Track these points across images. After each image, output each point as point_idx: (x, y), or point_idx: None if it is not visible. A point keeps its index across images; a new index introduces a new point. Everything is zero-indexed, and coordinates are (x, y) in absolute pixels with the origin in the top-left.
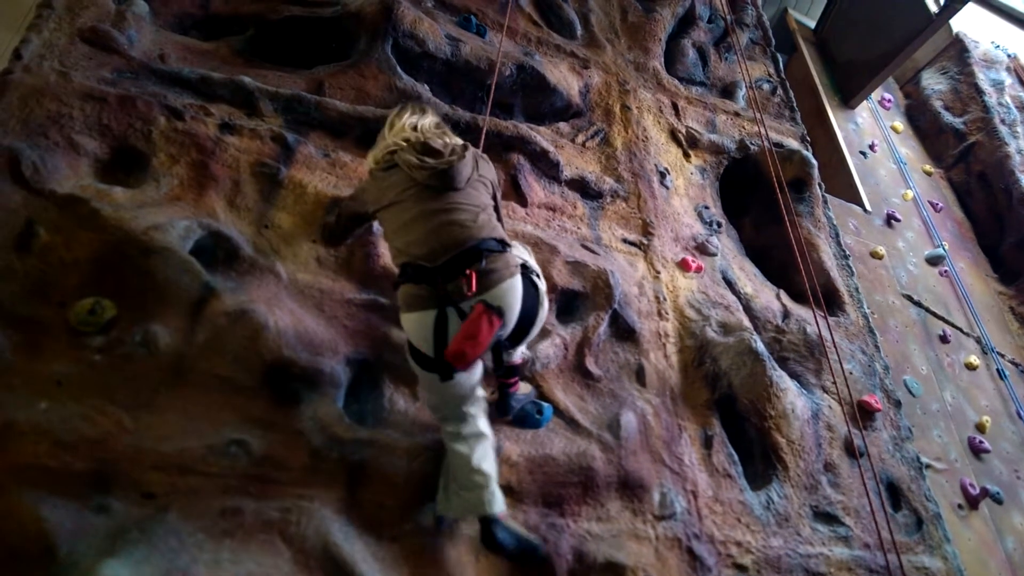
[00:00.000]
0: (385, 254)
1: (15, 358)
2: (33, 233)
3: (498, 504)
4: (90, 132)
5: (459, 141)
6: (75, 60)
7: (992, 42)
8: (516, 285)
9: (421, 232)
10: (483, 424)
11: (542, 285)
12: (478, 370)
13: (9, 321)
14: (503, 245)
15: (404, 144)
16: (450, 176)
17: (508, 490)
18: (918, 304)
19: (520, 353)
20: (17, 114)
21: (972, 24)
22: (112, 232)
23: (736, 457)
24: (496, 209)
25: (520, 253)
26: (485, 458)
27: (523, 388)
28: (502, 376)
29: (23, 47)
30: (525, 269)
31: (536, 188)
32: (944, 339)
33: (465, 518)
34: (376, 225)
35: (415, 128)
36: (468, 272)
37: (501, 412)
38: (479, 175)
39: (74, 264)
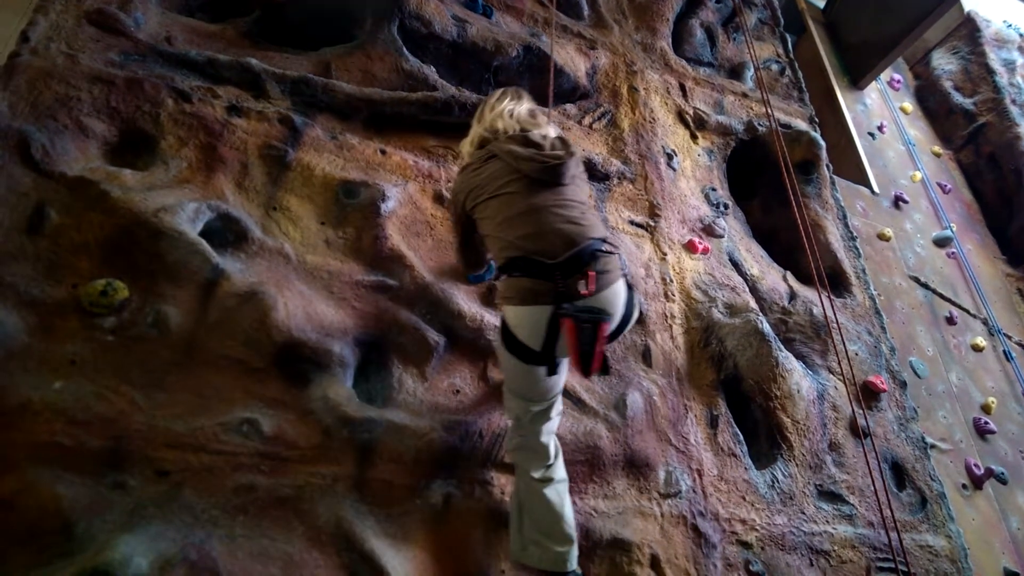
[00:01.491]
0: (393, 235)
1: (29, 339)
2: (44, 215)
3: (576, 559)
4: (99, 115)
5: (554, 133)
6: (82, 42)
7: (1004, 21)
8: (622, 288)
9: (535, 226)
10: (563, 467)
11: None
12: (564, 369)
13: (23, 302)
14: (611, 246)
15: (501, 133)
16: (560, 172)
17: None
18: (925, 286)
19: None
20: (26, 97)
21: (984, 3)
22: (122, 214)
23: (741, 436)
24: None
25: None
26: (570, 508)
27: None
28: None
29: (30, 29)
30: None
31: None
32: (951, 321)
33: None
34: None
35: (511, 115)
36: (588, 272)
37: None
38: (580, 170)
39: (85, 246)
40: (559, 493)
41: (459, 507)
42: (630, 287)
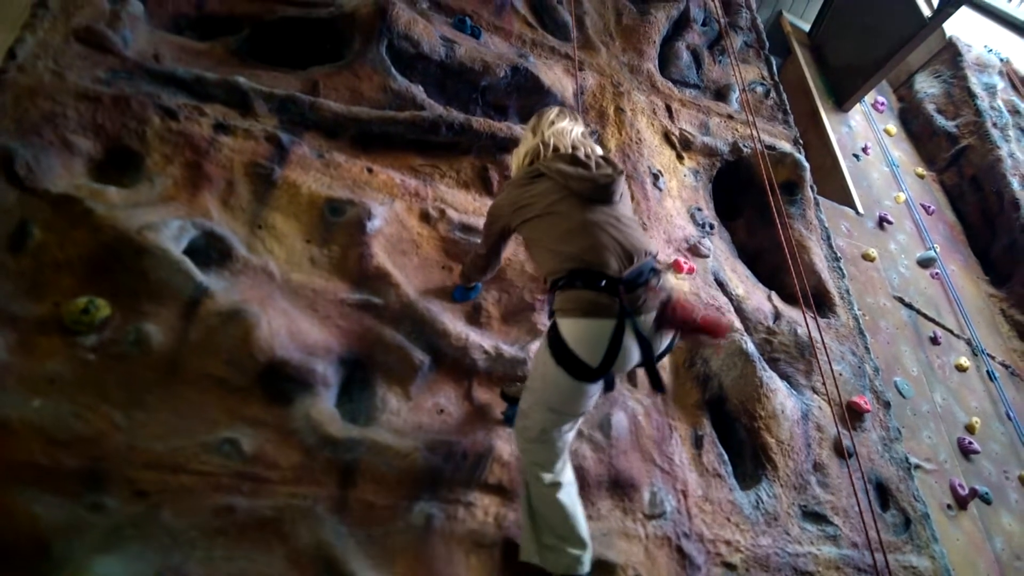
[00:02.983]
0: (379, 253)
1: (9, 357)
2: (27, 232)
3: (590, 563)
4: (84, 132)
5: (600, 151)
6: (70, 60)
7: (985, 46)
8: None
9: (593, 240)
10: (571, 470)
11: None
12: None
13: (3, 320)
14: (660, 262)
15: (550, 151)
16: (611, 191)
17: (500, 489)
18: (909, 306)
19: None
20: (11, 113)
21: (965, 28)
22: (106, 232)
23: (726, 457)
24: None
25: None
26: (582, 512)
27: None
28: None
29: (18, 46)
30: None
31: None
32: (935, 341)
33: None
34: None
35: (569, 134)
36: (649, 287)
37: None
38: (625, 188)
39: (68, 263)
40: (571, 496)
41: (442, 529)
42: None
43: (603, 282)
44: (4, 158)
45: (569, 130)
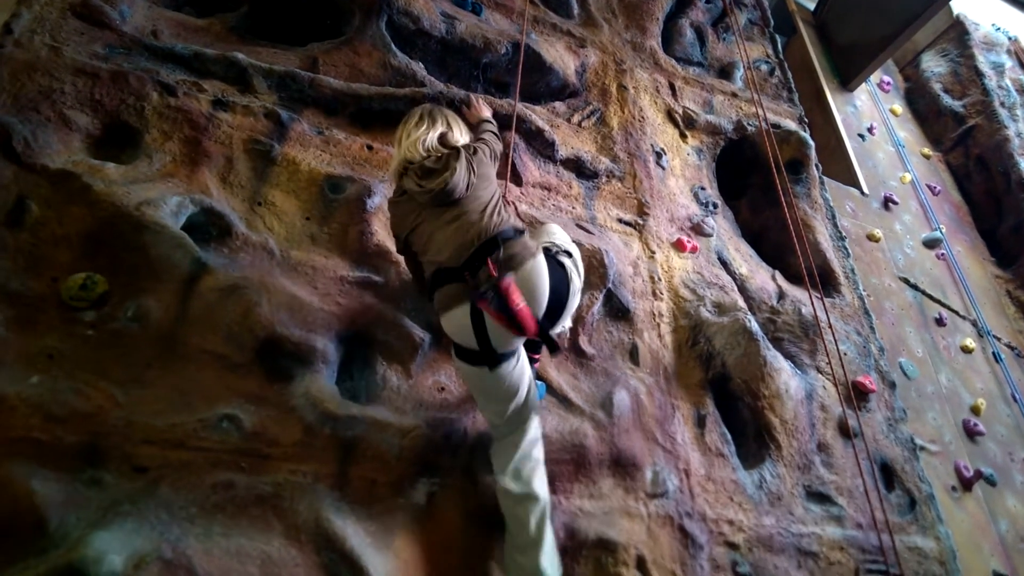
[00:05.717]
0: (379, 231)
1: (7, 332)
2: (25, 208)
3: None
4: (82, 107)
5: (457, 144)
6: (67, 35)
7: (992, 24)
8: (539, 268)
9: (441, 241)
10: (545, 484)
11: (570, 261)
12: (523, 367)
13: (1, 296)
14: (517, 232)
15: (409, 166)
16: (448, 193)
17: None
18: (914, 287)
19: (560, 326)
20: (8, 89)
21: (972, 6)
22: (104, 208)
23: (729, 436)
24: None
25: (548, 235)
26: (550, 539)
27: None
28: (529, 351)
29: (14, 21)
30: (548, 251)
31: (531, 167)
32: (940, 322)
33: None
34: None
35: (423, 145)
36: (488, 261)
37: None
38: (477, 175)
39: (66, 239)
40: (539, 515)
41: (443, 506)
42: (560, 264)
43: (450, 275)
44: (2, 134)
45: (422, 139)
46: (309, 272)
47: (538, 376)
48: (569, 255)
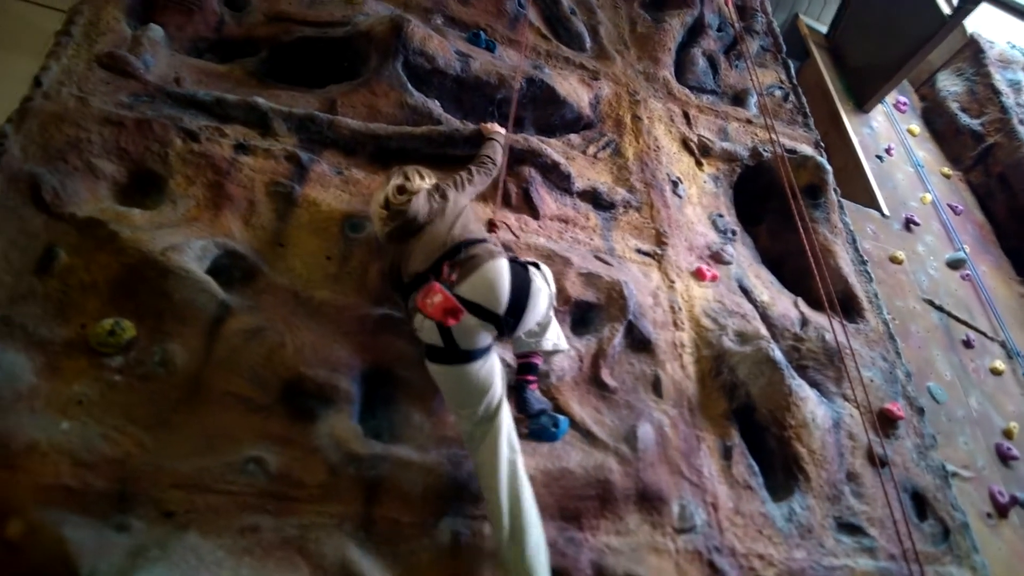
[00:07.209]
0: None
1: (37, 379)
2: (54, 256)
3: None
4: (108, 156)
5: (423, 186)
6: (93, 86)
7: (1008, 42)
8: (498, 266)
9: (416, 253)
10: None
11: (539, 271)
12: (495, 368)
13: (31, 343)
14: (480, 241)
15: (382, 217)
16: (407, 231)
17: None
18: (940, 309)
19: (549, 342)
20: (37, 140)
21: (987, 24)
22: (130, 254)
23: (756, 468)
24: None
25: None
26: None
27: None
28: (519, 373)
29: (43, 74)
30: (515, 259)
31: (548, 200)
32: (968, 344)
33: None
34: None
35: (378, 203)
36: (443, 265)
37: (520, 409)
38: (440, 200)
39: (94, 286)
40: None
41: (468, 545)
42: (523, 265)
43: (420, 278)
44: (31, 184)
45: (380, 199)
46: (331, 311)
47: (561, 410)
48: (536, 266)
